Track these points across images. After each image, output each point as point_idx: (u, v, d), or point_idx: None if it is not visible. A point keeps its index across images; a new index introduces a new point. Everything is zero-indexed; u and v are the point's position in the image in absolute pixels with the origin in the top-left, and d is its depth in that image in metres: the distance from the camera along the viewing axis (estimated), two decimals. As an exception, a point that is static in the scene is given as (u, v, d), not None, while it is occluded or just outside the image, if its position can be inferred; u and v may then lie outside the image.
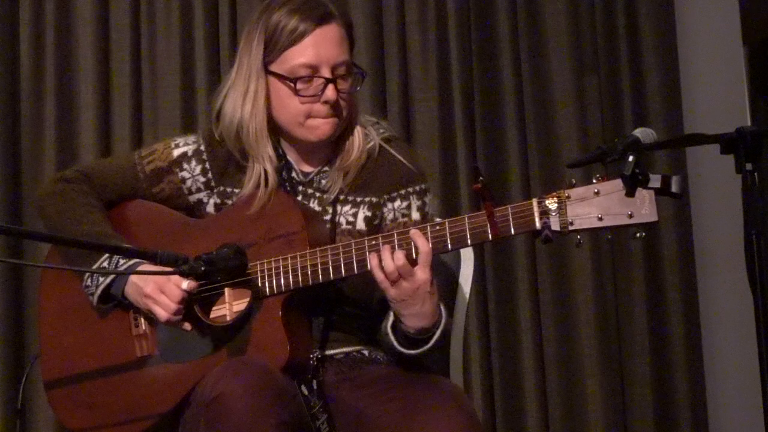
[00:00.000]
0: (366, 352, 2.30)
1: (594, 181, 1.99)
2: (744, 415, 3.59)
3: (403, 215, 2.31)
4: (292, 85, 2.23)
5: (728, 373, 3.69)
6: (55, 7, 3.49)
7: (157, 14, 3.55)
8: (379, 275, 2.07)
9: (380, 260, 2.07)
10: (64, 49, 3.50)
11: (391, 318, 2.18)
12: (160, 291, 2.17)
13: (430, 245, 2.06)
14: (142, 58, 3.54)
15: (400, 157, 2.32)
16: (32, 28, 3.50)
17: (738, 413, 3.67)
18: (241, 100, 2.27)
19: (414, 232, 2.07)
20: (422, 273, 2.06)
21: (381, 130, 2.37)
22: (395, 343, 2.18)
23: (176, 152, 2.36)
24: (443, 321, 2.16)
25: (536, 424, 3.57)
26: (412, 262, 2.06)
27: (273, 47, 2.24)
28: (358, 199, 2.32)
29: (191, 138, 2.39)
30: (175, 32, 3.54)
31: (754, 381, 1.93)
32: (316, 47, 2.22)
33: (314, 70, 2.22)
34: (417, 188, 2.32)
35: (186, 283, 2.15)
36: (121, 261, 2.22)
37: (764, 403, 1.87)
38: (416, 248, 2.06)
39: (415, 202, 2.32)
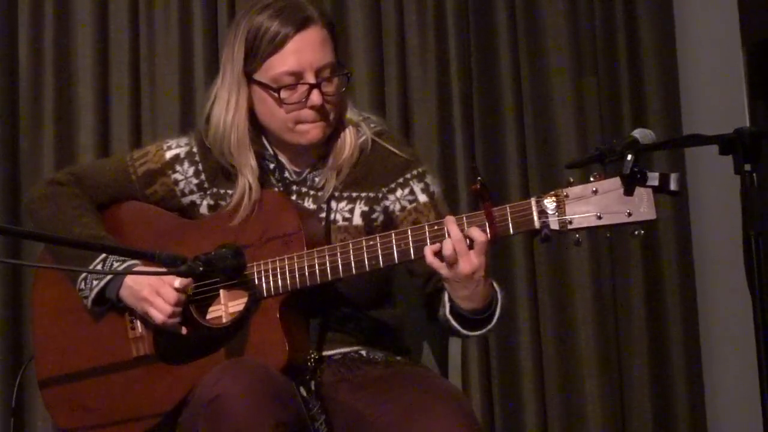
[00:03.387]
0: (364, 353, 2.29)
1: (592, 179, 1.99)
2: (743, 415, 3.59)
3: (410, 201, 2.29)
4: (276, 94, 2.21)
5: (727, 374, 3.70)
6: (53, 7, 3.49)
7: (155, 14, 3.55)
8: (432, 260, 2.04)
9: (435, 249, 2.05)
10: (63, 48, 3.50)
11: (448, 305, 2.16)
12: (156, 293, 2.17)
13: (488, 235, 2.02)
14: (141, 58, 3.53)
15: (392, 149, 2.32)
16: (31, 28, 3.49)
17: (736, 414, 3.67)
18: (224, 109, 2.26)
19: (472, 229, 2.02)
20: (477, 258, 2.03)
21: (372, 125, 2.35)
22: (458, 327, 2.17)
23: (169, 154, 2.36)
24: (500, 298, 2.16)
25: (535, 424, 3.57)
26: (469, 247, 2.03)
27: (255, 55, 2.22)
28: (354, 195, 2.31)
29: (183, 140, 2.38)
30: (174, 32, 3.53)
31: (753, 382, 1.93)
32: (298, 53, 2.20)
33: (298, 76, 2.21)
34: (414, 172, 2.31)
35: (178, 281, 2.14)
36: (116, 263, 2.22)
37: (763, 403, 1.87)
38: (472, 239, 2.02)
39: (417, 186, 2.30)
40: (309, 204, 2.31)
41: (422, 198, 2.30)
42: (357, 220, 2.30)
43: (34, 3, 3.49)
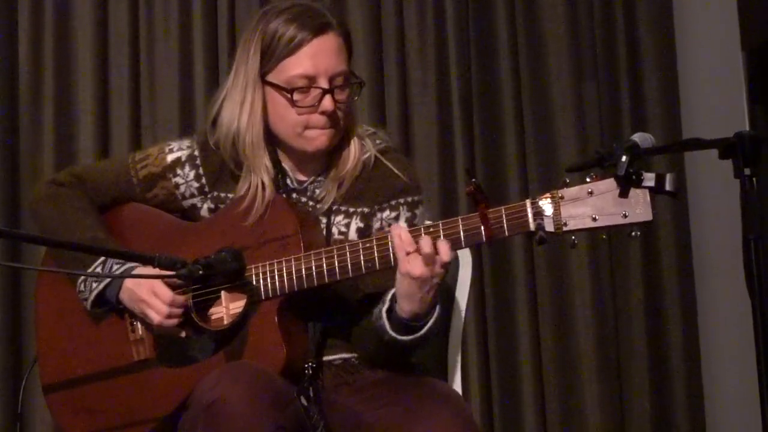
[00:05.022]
0: (365, 357, 2.30)
1: (588, 180, 1.98)
2: (742, 420, 3.59)
3: (390, 225, 2.27)
4: (289, 96, 2.22)
5: (726, 379, 3.69)
6: (53, 11, 3.49)
7: (155, 18, 3.55)
8: (397, 241, 2.04)
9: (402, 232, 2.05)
10: (63, 52, 3.50)
11: (387, 303, 2.15)
12: (153, 294, 2.18)
13: (452, 255, 2.03)
14: (141, 62, 3.54)
15: (394, 169, 2.31)
16: (31, 31, 3.50)
17: (736, 419, 3.66)
18: (238, 109, 2.26)
19: (441, 242, 2.02)
20: (440, 267, 2.03)
21: (378, 141, 2.35)
22: (388, 327, 2.13)
23: (170, 157, 2.35)
24: (436, 312, 2.13)
25: (534, 429, 3.56)
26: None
27: (270, 57, 2.22)
28: (351, 210, 2.31)
29: (185, 142, 2.38)
30: (174, 36, 3.54)
31: (752, 386, 1.93)
32: (314, 58, 2.20)
33: (312, 80, 2.21)
34: (408, 199, 2.31)
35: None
36: (115, 266, 2.22)
37: (762, 408, 1.87)
38: (439, 252, 2.03)
39: (404, 213, 2.30)
40: None
41: (402, 226, 2.28)
42: (353, 235, 2.29)
43: (34, 3, 3.50)
